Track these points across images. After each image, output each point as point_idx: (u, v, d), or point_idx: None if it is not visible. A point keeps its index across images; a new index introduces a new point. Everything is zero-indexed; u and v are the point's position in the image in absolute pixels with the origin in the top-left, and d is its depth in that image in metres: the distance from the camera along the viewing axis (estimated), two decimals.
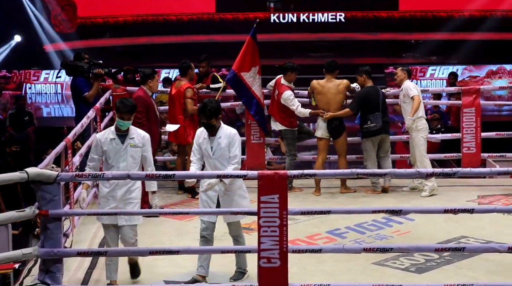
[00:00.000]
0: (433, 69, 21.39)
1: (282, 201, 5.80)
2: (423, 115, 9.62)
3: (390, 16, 22.11)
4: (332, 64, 9.79)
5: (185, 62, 9.65)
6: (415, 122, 9.49)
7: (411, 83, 9.68)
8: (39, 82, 21.92)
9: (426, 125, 9.65)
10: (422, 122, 9.56)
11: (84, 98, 9.71)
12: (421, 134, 9.55)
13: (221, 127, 6.79)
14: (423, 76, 21.38)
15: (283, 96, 9.70)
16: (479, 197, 9.36)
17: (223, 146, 6.73)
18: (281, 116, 9.84)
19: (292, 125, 9.87)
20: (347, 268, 6.98)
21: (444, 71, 21.16)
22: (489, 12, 21.80)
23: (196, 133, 6.95)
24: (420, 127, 9.54)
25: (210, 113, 6.68)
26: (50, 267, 6.06)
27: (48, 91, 21.49)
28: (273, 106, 9.93)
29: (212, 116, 6.69)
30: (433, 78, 21.31)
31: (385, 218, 8.43)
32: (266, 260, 5.85)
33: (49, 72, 21.98)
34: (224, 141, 6.73)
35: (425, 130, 9.60)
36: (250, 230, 7.81)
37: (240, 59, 9.66)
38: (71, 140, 7.83)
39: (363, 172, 6.19)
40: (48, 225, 6.02)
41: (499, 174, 6.87)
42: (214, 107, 6.70)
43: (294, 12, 22.01)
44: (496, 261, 6.98)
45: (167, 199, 9.36)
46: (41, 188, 5.93)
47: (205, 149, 6.78)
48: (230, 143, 6.73)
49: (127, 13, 22.37)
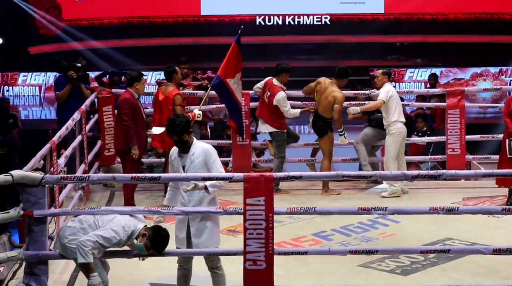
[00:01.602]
0: (411, 71, 21.48)
1: (268, 203, 5.80)
2: (399, 120, 9.58)
3: (375, 19, 22.17)
4: (340, 71, 9.81)
5: (170, 66, 9.53)
6: (390, 126, 9.52)
7: (388, 87, 9.64)
8: (18, 85, 21.90)
9: (400, 130, 9.58)
10: (396, 127, 9.56)
11: (56, 96, 9.96)
12: (393, 138, 9.57)
13: (194, 144, 6.25)
14: (402, 79, 21.47)
15: (277, 97, 9.69)
16: (464, 199, 9.40)
17: (197, 163, 6.20)
18: (272, 119, 9.84)
19: (282, 127, 9.89)
20: (333, 270, 6.99)
21: (423, 73, 21.28)
22: (473, 15, 21.92)
23: (170, 153, 6.45)
24: (393, 132, 9.57)
25: (180, 129, 6.15)
26: (35, 270, 6.04)
27: (26, 94, 21.40)
28: (263, 108, 9.91)
29: (183, 132, 6.16)
30: (412, 81, 21.40)
31: (370, 220, 8.45)
32: (252, 262, 5.86)
33: (27, 75, 21.93)
34: (199, 159, 6.20)
35: (397, 135, 9.57)
36: (236, 232, 7.82)
37: (225, 65, 9.64)
38: (56, 143, 7.79)
39: (348, 174, 6.20)
40: (33, 227, 6.00)
41: (484, 176, 6.90)
42: (183, 121, 6.18)
43: (279, 14, 22.04)
44: (481, 263, 7.01)
45: (153, 202, 9.34)
46: (26, 190, 5.91)
47: (177, 168, 6.27)
48: (206, 159, 6.20)
49: (113, 16, 22.32)
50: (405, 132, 9.69)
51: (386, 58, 22.50)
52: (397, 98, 9.62)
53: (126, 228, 5.92)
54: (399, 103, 9.64)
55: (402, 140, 9.66)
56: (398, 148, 9.60)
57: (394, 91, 9.65)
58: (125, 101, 8.65)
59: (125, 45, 21.79)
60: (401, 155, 9.73)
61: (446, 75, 21.27)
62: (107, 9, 22.16)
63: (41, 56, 21.17)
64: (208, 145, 6.36)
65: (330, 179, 9.60)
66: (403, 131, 9.63)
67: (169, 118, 6.31)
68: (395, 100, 9.57)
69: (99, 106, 9.73)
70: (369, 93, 10.54)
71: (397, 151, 9.61)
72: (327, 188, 9.80)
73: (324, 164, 9.82)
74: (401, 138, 9.64)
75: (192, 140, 6.26)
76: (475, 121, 15.26)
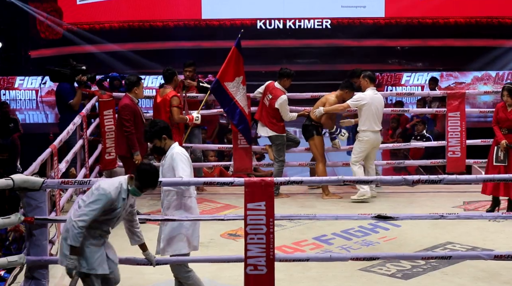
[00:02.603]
0: (408, 75, 21.49)
1: (269, 208, 5.81)
2: (369, 129, 9.47)
3: (376, 23, 22.18)
4: (345, 82, 9.86)
5: (169, 69, 9.56)
6: (359, 133, 9.55)
7: (363, 94, 9.53)
8: (14, 89, 21.94)
9: (368, 139, 9.48)
10: (364, 135, 9.51)
11: (69, 106, 9.69)
12: (360, 145, 9.56)
13: (172, 148, 6.19)
14: (398, 83, 21.47)
15: (280, 100, 9.70)
16: (464, 203, 9.40)
17: (165, 167, 6.17)
18: (272, 122, 9.84)
19: (282, 131, 9.90)
20: (333, 275, 6.98)
21: (419, 77, 21.30)
22: (474, 19, 21.93)
23: None
24: (361, 139, 9.56)
25: (150, 135, 6.19)
26: (35, 274, 6.05)
27: (23, 98, 21.39)
28: (263, 112, 9.91)
29: (152, 138, 6.18)
30: (408, 85, 21.41)
31: (371, 224, 8.44)
32: (253, 267, 5.86)
33: (23, 79, 21.97)
34: (167, 163, 6.16)
35: (365, 143, 9.51)
36: (237, 236, 7.82)
37: (224, 69, 9.66)
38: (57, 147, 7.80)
39: (349, 179, 6.20)
40: (33, 231, 6.01)
41: (485, 181, 6.89)
42: (155, 127, 6.16)
43: (280, 18, 22.06)
44: (482, 267, 7.01)
45: (153, 206, 9.34)
46: (26, 194, 5.92)
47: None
48: (173, 164, 6.11)
49: (114, 20, 22.33)
50: (374, 142, 9.57)
51: (387, 62, 22.52)
52: (372, 107, 9.43)
53: (111, 183, 5.64)
54: (373, 112, 9.45)
55: (370, 148, 9.58)
56: (364, 154, 9.59)
57: (370, 99, 9.45)
58: (126, 108, 8.65)
59: (125, 49, 21.81)
60: (371, 160, 9.69)
61: (447, 79, 21.28)
62: (108, 13, 22.19)
63: (41, 60, 21.20)
64: (182, 150, 6.23)
65: (331, 184, 9.59)
66: (371, 141, 9.53)
67: (149, 122, 6.34)
68: (368, 109, 9.44)
69: (100, 110, 9.72)
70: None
71: (363, 156, 9.60)
72: (328, 191, 9.79)
73: (318, 167, 9.78)
74: (369, 146, 9.56)
75: (167, 145, 6.18)
76: (476, 126, 15.25)
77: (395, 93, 17.17)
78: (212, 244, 7.75)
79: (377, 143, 9.68)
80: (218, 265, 6.85)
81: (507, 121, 8.72)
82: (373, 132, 9.52)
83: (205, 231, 6.84)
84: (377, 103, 9.52)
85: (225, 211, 9.07)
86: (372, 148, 9.62)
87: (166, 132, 6.20)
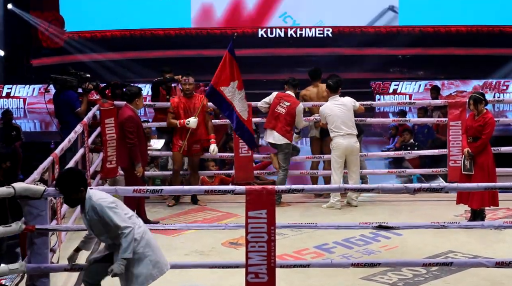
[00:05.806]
0: (395, 84, 21.50)
1: (270, 216, 5.80)
2: (338, 134, 9.56)
3: (377, 31, 22.23)
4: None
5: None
6: (331, 140, 9.66)
7: (325, 106, 9.71)
8: (1, 97, 22.00)
9: (337, 145, 9.55)
10: (334, 142, 9.60)
11: (76, 114, 9.73)
12: (333, 152, 9.63)
13: (88, 198, 5.52)
14: (386, 92, 21.49)
15: (299, 107, 9.84)
16: (466, 212, 9.38)
17: (94, 222, 5.57)
18: (287, 130, 9.87)
19: (291, 139, 9.99)
20: (335, 283, 6.97)
21: (407, 86, 21.32)
22: (475, 27, 21.98)
23: None
24: (331, 146, 9.67)
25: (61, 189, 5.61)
26: (36, 282, 6.05)
27: (10, 106, 21.37)
28: (278, 120, 9.89)
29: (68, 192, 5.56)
30: (396, 93, 21.42)
31: (373, 233, 8.42)
32: (254, 275, 5.86)
33: (11, 87, 21.99)
34: (94, 217, 5.54)
35: (335, 149, 9.58)
36: (238, 245, 7.80)
37: (218, 74, 9.66)
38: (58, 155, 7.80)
39: (350, 187, 6.20)
40: (35, 240, 6.01)
41: (486, 189, 6.88)
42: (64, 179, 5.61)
43: (281, 27, 22.11)
44: (484, 276, 6.99)
45: (155, 214, 9.34)
46: (28, 203, 5.92)
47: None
48: (101, 216, 5.50)
49: (115, 28, 22.40)
50: (347, 147, 9.57)
51: (388, 71, 22.57)
52: (333, 115, 9.59)
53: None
54: (336, 119, 9.58)
55: (342, 154, 9.59)
56: (341, 161, 9.60)
57: (329, 111, 9.63)
58: (130, 119, 8.63)
59: (127, 57, 21.88)
60: (353, 167, 9.70)
61: (448, 87, 21.31)
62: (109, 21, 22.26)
63: (43, 68, 21.26)
64: (98, 195, 5.58)
65: (332, 191, 9.58)
66: (341, 146, 9.56)
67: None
68: (331, 119, 9.60)
69: (101, 118, 9.73)
70: (370, 104, 10.64)
71: (341, 163, 9.61)
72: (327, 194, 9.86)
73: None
74: (340, 153, 9.59)
75: (83, 196, 5.55)
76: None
77: (396, 103, 17.19)
78: (213, 252, 7.73)
79: (351, 148, 9.64)
80: (219, 273, 6.84)
81: (471, 129, 8.72)
82: (341, 136, 9.58)
83: (206, 240, 6.84)
84: (338, 111, 9.63)
85: (226, 220, 9.07)
86: (349, 153, 9.63)
87: (83, 184, 5.58)
